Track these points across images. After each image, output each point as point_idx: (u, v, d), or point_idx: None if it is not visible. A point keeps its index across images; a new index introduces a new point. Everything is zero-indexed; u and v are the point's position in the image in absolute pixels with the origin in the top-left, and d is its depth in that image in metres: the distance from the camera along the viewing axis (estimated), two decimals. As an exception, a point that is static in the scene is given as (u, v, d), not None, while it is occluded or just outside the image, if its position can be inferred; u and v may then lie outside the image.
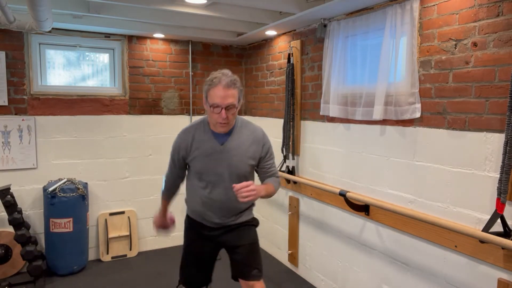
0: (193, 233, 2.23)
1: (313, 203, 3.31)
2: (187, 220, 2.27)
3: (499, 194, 1.80)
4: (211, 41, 4.26)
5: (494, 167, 1.90)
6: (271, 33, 3.66)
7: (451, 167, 2.11)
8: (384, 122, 2.53)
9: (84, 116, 3.78)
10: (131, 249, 3.98)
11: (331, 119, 3.05)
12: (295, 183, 3.49)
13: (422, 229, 2.25)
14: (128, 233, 3.97)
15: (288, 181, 3.58)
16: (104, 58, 3.98)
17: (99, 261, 3.85)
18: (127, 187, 4.01)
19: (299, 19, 3.05)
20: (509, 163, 1.75)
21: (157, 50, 4.08)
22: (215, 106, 1.90)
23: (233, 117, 1.98)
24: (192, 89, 4.27)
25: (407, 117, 2.33)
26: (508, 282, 1.83)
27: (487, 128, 1.92)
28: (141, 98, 4.04)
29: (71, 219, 3.44)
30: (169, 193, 2.32)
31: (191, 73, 4.24)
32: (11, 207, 3.22)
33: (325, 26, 2.97)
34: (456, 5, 2.06)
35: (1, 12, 2.59)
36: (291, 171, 3.50)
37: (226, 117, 1.91)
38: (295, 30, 3.49)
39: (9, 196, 3.24)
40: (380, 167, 2.59)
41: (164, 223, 2.36)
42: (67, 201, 3.41)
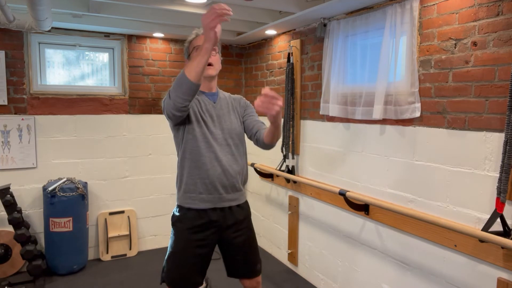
0: (186, 233, 1.99)
1: (313, 203, 3.31)
2: (179, 215, 2.02)
3: (499, 193, 1.80)
4: (210, 41, 4.26)
5: (493, 167, 1.90)
6: (271, 32, 3.66)
7: (451, 167, 2.11)
8: (383, 121, 2.53)
9: (83, 115, 3.78)
10: (130, 249, 3.99)
11: (331, 119, 3.05)
12: (295, 182, 3.48)
13: (421, 229, 2.26)
14: (127, 233, 3.97)
15: (288, 180, 3.58)
16: (103, 57, 3.98)
17: (99, 260, 3.85)
18: (127, 186, 4.01)
19: (299, 18, 3.05)
20: (508, 162, 1.75)
21: (156, 49, 4.07)
22: None
23: (217, 63, 2.07)
24: (191, 89, 4.26)
25: (406, 116, 2.33)
26: (507, 281, 1.84)
27: (487, 127, 1.92)
28: (140, 97, 4.04)
29: (71, 219, 3.44)
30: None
31: (190, 72, 4.24)
32: (11, 206, 3.22)
33: (325, 25, 2.97)
34: (456, 4, 2.06)
35: (1, 11, 2.59)
36: (291, 171, 3.50)
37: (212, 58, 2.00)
38: (295, 29, 3.49)
39: (9, 195, 3.24)
40: (380, 166, 2.59)
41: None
42: (67, 200, 3.41)
